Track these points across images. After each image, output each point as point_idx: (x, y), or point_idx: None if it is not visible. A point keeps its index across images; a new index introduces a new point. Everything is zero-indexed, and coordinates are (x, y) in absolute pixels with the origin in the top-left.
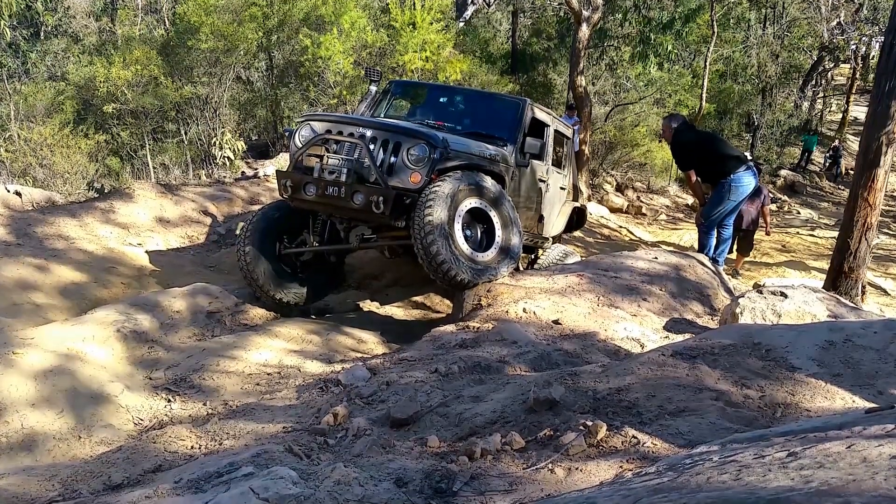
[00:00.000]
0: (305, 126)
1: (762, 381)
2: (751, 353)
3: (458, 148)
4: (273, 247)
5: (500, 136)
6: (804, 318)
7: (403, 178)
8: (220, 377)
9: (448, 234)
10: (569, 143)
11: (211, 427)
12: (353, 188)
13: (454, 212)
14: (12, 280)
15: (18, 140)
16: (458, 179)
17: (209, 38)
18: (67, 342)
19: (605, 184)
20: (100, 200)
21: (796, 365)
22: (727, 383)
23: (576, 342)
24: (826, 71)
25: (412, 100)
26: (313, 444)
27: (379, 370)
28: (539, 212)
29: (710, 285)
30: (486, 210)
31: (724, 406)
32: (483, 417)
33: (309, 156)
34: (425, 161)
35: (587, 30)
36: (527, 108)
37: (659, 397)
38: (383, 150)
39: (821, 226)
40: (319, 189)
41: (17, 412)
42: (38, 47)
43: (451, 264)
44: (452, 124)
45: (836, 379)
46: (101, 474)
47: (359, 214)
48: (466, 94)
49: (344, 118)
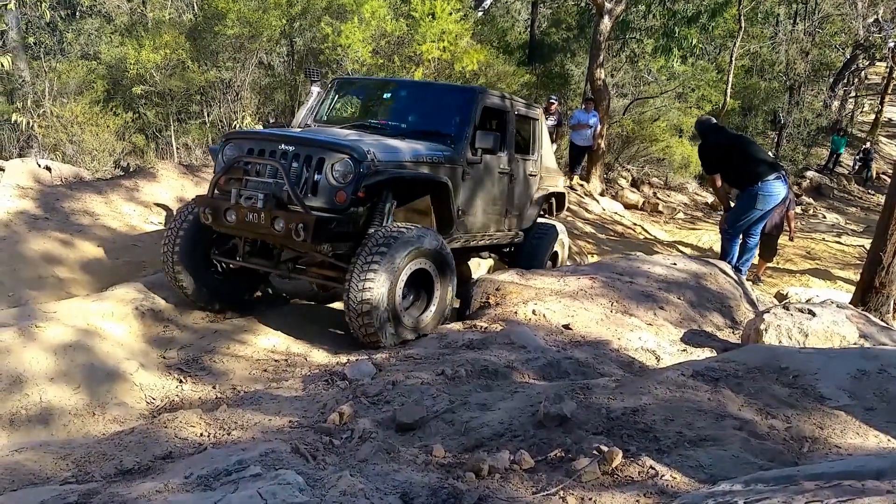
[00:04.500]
0: (228, 145)
1: (789, 411)
2: (777, 379)
3: (387, 158)
4: (203, 252)
5: (447, 132)
6: (833, 339)
7: (328, 197)
8: (229, 361)
9: (388, 312)
10: (537, 125)
11: (220, 415)
12: (273, 214)
13: (396, 282)
14: (38, 253)
15: (51, 116)
16: (403, 244)
17: (235, 24)
18: (88, 317)
19: (621, 178)
20: (125, 178)
21: (826, 394)
22: (751, 411)
23: (587, 350)
24: (859, 70)
25: (357, 97)
26: (319, 444)
27: (384, 366)
28: (505, 206)
29: (732, 296)
30: (429, 272)
31: (747, 437)
32: (490, 429)
33: (230, 179)
34: (350, 178)
35: (609, 22)
36: (476, 99)
37: (678, 422)
38: (307, 166)
39: (847, 232)
40: (239, 216)
41: (37, 385)
42: (74, 26)
43: (380, 336)
44: (397, 122)
45: (869, 414)
46: (113, 457)
47: (282, 241)
48: (411, 88)
49: (266, 134)
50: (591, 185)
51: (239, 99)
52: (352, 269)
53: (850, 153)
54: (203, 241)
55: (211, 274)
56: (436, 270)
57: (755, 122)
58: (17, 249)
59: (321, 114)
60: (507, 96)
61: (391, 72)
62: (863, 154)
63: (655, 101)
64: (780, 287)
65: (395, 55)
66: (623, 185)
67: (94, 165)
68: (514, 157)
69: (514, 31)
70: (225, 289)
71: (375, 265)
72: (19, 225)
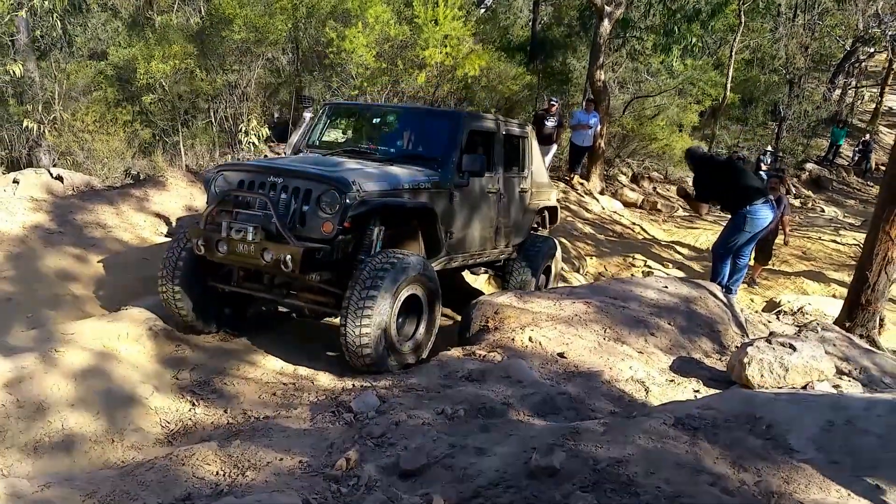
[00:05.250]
0: (220, 177)
1: (760, 464)
2: (751, 430)
3: (373, 188)
4: (200, 277)
5: (434, 156)
6: (811, 373)
7: (315, 227)
8: (239, 384)
9: (386, 346)
10: (527, 142)
11: (234, 451)
12: (262, 246)
13: (391, 316)
14: (54, 270)
15: (62, 126)
16: (393, 278)
17: (242, 29)
18: (104, 339)
19: (621, 175)
20: (135, 187)
21: (795, 447)
22: (725, 464)
23: (580, 384)
24: (859, 62)
25: (348, 122)
26: (328, 493)
27: (388, 398)
28: (496, 224)
29: (721, 320)
30: (419, 297)
31: (719, 493)
32: (486, 477)
33: (221, 211)
34: (336, 209)
35: (608, 24)
36: (462, 123)
37: (658, 476)
38: (294, 198)
39: (845, 226)
40: (230, 247)
41: (59, 412)
42: (79, 20)
43: (380, 367)
44: (386, 147)
45: (834, 467)
46: (136, 497)
47: (272, 272)
48: (400, 113)
49: (257, 166)
50: (591, 184)
51: (245, 100)
52: (346, 307)
53: (849, 144)
54: (200, 266)
55: (208, 298)
56: (425, 295)
57: (755, 114)
58: (33, 267)
59: (313, 139)
60: (495, 117)
61: (394, 76)
62: (862, 146)
63: (655, 98)
64: (774, 288)
65: (399, 59)
66: (623, 181)
67: (105, 172)
68: (503, 177)
69: (515, 28)
70: (222, 312)
71: (370, 303)
72: (34, 240)
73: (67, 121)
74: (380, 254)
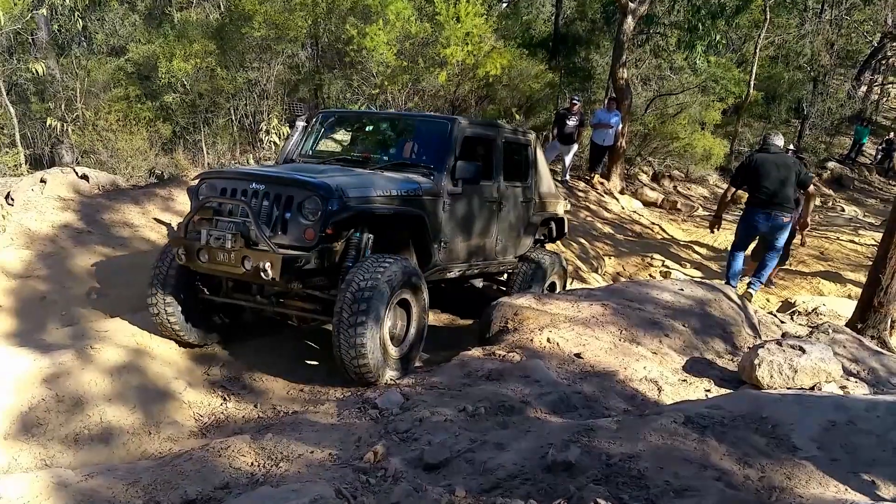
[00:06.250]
0: (204, 185)
1: (764, 461)
2: (757, 429)
3: (358, 194)
4: (190, 289)
5: (427, 163)
6: (819, 375)
7: (297, 234)
8: (267, 380)
9: (382, 357)
10: (529, 150)
11: (267, 444)
12: (241, 253)
13: (384, 327)
14: (84, 269)
15: (85, 125)
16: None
17: (262, 26)
18: (136, 336)
19: (641, 174)
20: (159, 187)
21: (798, 445)
22: (731, 461)
23: (595, 383)
24: (887, 58)
25: (342, 129)
26: (357, 484)
27: (411, 396)
28: (494, 234)
29: (734, 322)
30: (408, 299)
31: (724, 487)
32: (505, 470)
33: (201, 219)
34: (318, 215)
35: (632, 22)
36: (456, 129)
37: (667, 470)
38: (276, 205)
39: (865, 226)
40: (210, 255)
41: (97, 406)
42: (97, 14)
43: (378, 379)
44: (380, 154)
45: (833, 465)
46: (177, 486)
47: (251, 279)
48: (393, 120)
49: (238, 174)
50: (611, 183)
51: (265, 98)
52: (338, 322)
53: (873, 142)
54: (189, 277)
55: (200, 310)
56: (413, 296)
57: (778, 112)
58: (65, 266)
59: (306, 148)
60: (493, 123)
61: (415, 74)
62: (886, 145)
63: (678, 95)
64: (791, 289)
65: (420, 57)
66: (643, 180)
67: (129, 171)
68: (503, 185)
69: (538, 23)
70: (214, 324)
71: (363, 319)
72: (64, 240)
73: (91, 119)
74: (366, 260)
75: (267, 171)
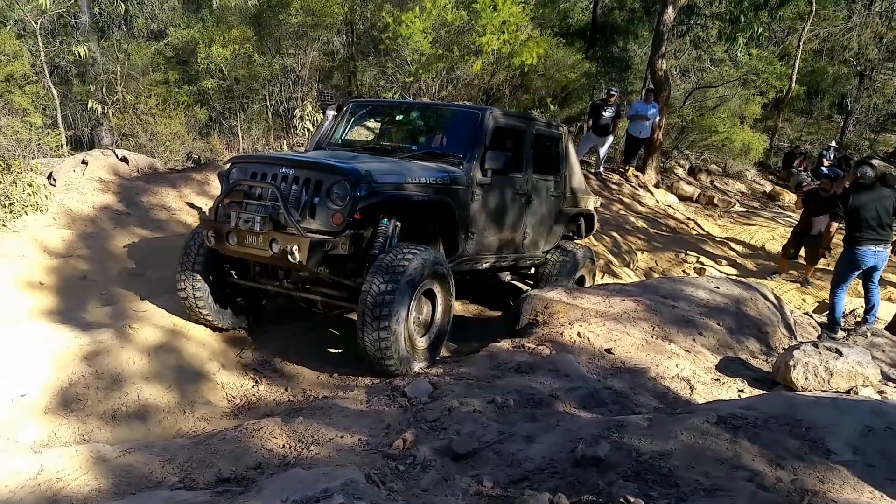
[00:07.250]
0: (234, 169)
1: (797, 463)
2: (791, 431)
3: (386, 180)
4: (218, 273)
5: (456, 153)
6: (856, 378)
7: (325, 219)
8: (297, 365)
9: (408, 349)
10: (561, 144)
11: (298, 427)
12: (270, 237)
13: (409, 319)
14: (124, 250)
15: (126, 110)
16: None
17: (299, 12)
18: (173, 317)
19: (677, 167)
20: (196, 171)
21: (832, 449)
22: (763, 462)
23: (625, 379)
24: None
25: (371, 119)
26: (387, 470)
27: (440, 385)
28: (522, 227)
29: (769, 322)
30: (433, 290)
31: (756, 489)
32: (533, 463)
33: (231, 202)
34: (347, 200)
35: (672, 12)
36: (487, 119)
37: (697, 469)
38: (305, 189)
39: None
40: (239, 238)
41: (134, 384)
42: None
43: (404, 371)
44: (408, 144)
45: (869, 470)
46: (211, 465)
47: (279, 263)
48: (422, 109)
49: (268, 158)
50: (646, 177)
51: (300, 84)
52: (362, 312)
53: None
54: (218, 261)
55: (228, 294)
56: (439, 286)
57: (821, 107)
58: (104, 246)
59: (336, 137)
60: (525, 115)
61: (450, 63)
62: None
63: (718, 88)
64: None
65: (455, 45)
66: (679, 174)
67: (167, 155)
68: (533, 178)
69: (575, 12)
70: (240, 308)
71: (387, 310)
72: (104, 220)
73: (131, 102)
74: (393, 249)
75: (296, 156)
